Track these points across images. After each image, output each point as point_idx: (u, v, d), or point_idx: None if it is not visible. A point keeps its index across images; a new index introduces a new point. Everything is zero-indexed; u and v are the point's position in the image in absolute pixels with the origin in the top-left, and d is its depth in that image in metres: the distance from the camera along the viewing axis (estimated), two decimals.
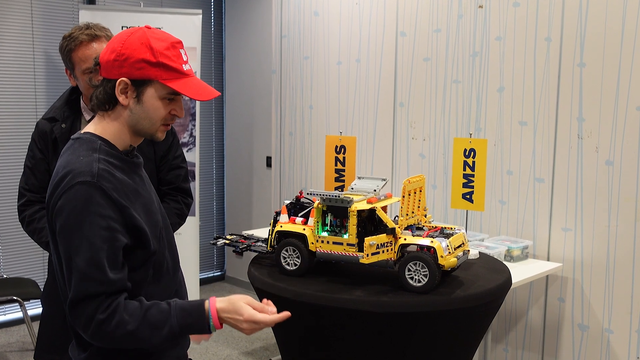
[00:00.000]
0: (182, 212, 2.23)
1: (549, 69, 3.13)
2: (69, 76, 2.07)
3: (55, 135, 2.05)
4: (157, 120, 1.45)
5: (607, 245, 2.99)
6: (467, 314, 1.53)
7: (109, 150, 1.42)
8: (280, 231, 1.67)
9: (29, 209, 2.09)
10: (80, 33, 1.98)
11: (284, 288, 1.56)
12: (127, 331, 1.32)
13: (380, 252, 1.55)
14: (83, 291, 1.31)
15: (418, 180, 1.65)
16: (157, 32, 1.46)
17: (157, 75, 1.41)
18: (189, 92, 1.42)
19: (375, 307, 1.46)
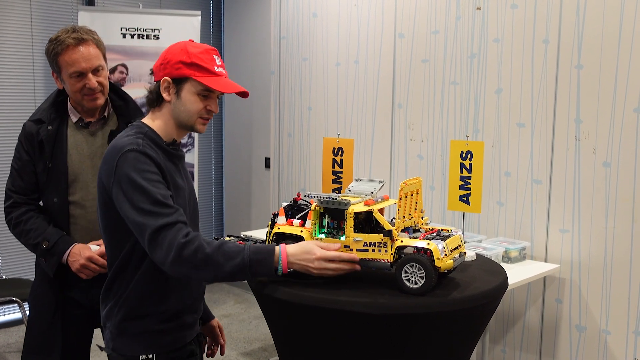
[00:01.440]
0: None
1: (547, 70, 3.15)
2: (56, 79, 2.07)
3: (42, 137, 2.04)
4: (194, 113, 1.70)
5: (604, 246, 3.00)
6: (463, 316, 1.54)
7: (153, 137, 1.69)
8: (277, 233, 1.68)
9: (16, 210, 2.07)
10: (66, 37, 1.98)
11: (281, 290, 1.57)
12: (205, 254, 1.50)
13: (369, 251, 1.56)
14: (159, 224, 1.53)
15: (415, 183, 1.66)
16: (196, 43, 1.73)
17: (191, 73, 1.66)
18: (216, 86, 1.67)
19: (372, 309, 1.47)
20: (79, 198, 2.09)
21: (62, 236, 2.05)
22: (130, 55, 4.32)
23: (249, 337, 4.23)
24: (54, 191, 2.07)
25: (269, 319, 1.76)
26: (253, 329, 4.39)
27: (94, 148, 2.11)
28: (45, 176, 2.06)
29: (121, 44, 4.30)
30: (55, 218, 2.08)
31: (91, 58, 1.99)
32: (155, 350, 1.71)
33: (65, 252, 2.03)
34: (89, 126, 2.12)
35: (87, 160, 2.10)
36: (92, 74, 2.00)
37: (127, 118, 2.14)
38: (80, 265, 2.01)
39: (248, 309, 4.81)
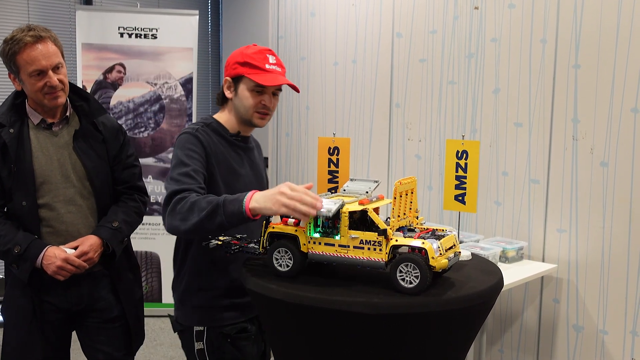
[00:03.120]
0: (140, 210, 2.24)
1: (544, 70, 3.14)
2: (13, 80, 2.03)
3: (4, 141, 1.99)
4: (249, 107, 1.91)
5: (602, 246, 2.99)
6: (459, 315, 1.53)
7: (216, 128, 1.94)
8: (272, 232, 1.67)
9: None
10: (24, 35, 1.94)
11: (275, 289, 1.56)
12: (191, 202, 1.67)
13: (365, 249, 1.55)
14: (175, 189, 1.74)
15: (409, 182, 1.65)
16: (254, 46, 1.95)
17: (244, 71, 1.89)
18: (263, 81, 1.86)
19: (367, 309, 1.46)
20: (48, 200, 2.06)
21: (33, 240, 2.01)
22: (128, 55, 4.31)
23: None
24: (22, 195, 2.02)
25: (263, 318, 1.75)
26: None
27: (59, 149, 2.08)
28: (10, 180, 2.01)
29: (119, 43, 4.29)
30: (24, 222, 2.04)
31: (50, 55, 1.96)
32: (206, 324, 1.93)
33: (38, 256, 1.99)
34: (51, 127, 2.09)
35: (55, 161, 2.07)
36: (52, 71, 1.97)
37: (90, 117, 2.12)
38: (57, 267, 1.99)
39: None
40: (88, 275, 2.12)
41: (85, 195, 2.11)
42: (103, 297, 2.17)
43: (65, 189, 2.07)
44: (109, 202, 2.18)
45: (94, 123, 2.13)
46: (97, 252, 2.08)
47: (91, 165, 2.10)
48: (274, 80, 1.88)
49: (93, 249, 2.06)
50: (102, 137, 2.13)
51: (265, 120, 1.96)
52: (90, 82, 4.29)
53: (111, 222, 2.11)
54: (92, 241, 2.06)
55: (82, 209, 2.11)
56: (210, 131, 1.92)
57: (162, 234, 4.47)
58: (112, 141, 2.16)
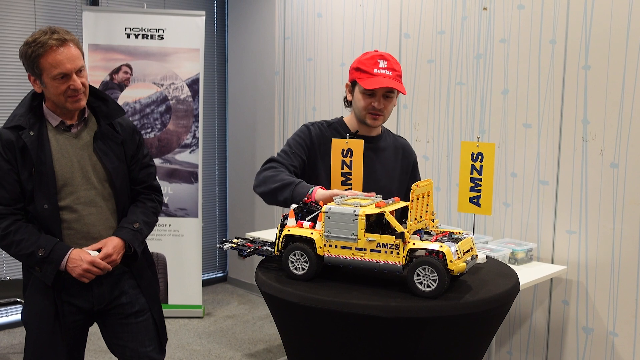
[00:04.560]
0: (157, 210, 2.26)
1: (554, 71, 3.13)
2: (34, 82, 2.03)
3: (24, 143, 1.98)
4: (361, 109, 2.14)
5: (611, 247, 2.98)
6: (476, 319, 1.52)
7: (337, 127, 2.22)
8: (288, 235, 1.66)
9: (2, 222, 2.00)
10: (48, 38, 1.94)
11: (291, 292, 1.56)
12: (275, 172, 2.06)
13: (382, 252, 1.55)
14: (272, 157, 2.18)
15: (426, 185, 1.64)
16: (373, 52, 2.13)
17: (356, 76, 2.12)
18: (366, 84, 2.05)
19: (384, 312, 1.46)
20: (70, 202, 2.06)
21: (57, 243, 2.00)
22: (135, 56, 4.31)
23: (253, 338, 4.22)
24: (43, 197, 2.01)
25: (278, 321, 1.75)
26: (257, 330, 4.38)
27: (79, 151, 2.08)
28: (31, 183, 2.00)
29: (125, 44, 4.29)
30: (46, 225, 2.03)
31: (74, 59, 1.97)
32: None
33: (63, 259, 1.99)
34: (70, 129, 2.09)
35: (75, 163, 2.07)
36: (75, 74, 1.98)
37: (109, 118, 2.13)
38: (83, 270, 1.99)
39: (252, 309, 4.80)
40: (109, 275, 2.13)
41: (106, 196, 2.12)
42: (125, 292, 2.19)
43: (86, 190, 2.08)
44: (128, 202, 2.19)
45: (112, 124, 2.14)
46: (120, 254, 2.09)
47: (112, 167, 2.11)
48: (377, 83, 2.04)
49: (116, 251, 2.07)
50: (120, 138, 2.15)
51: (378, 120, 2.14)
52: (97, 83, 4.28)
53: (132, 224, 2.13)
54: (115, 243, 2.07)
55: (102, 211, 2.12)
56: (328, 128, 2.21)
57: (168, 235, 4.46)
58: (129, 141, 2.18)
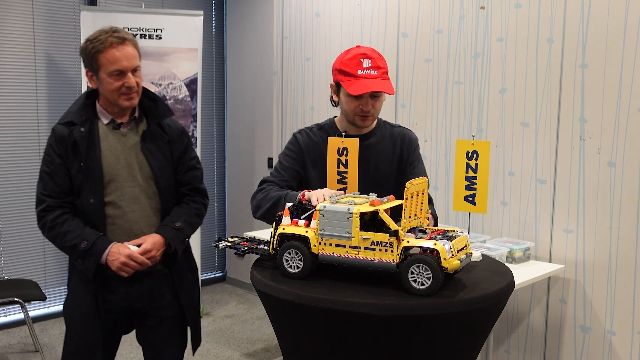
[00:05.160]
0: (201, 212, 2.30)
1: (551, 70, 3.13)
2: (90, 78, 2.09)
3: (75, 139, 2.06)
4: (349, 111, 2.06)
5: (609, 246, 2.98)
6: (470, 317, 1.52)
7: (327, 129, 2.17)
8: (282, 233, 1.66)
9: (50, 214, 2.08)
10: (108, 36, 2.02)
11: (286, 291, 1.56)
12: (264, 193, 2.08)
13: (376, 250, 1.55)
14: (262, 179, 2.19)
15: (420, 183, 1.64)
16: (354, 49, 2.04)
17: (340, 78, 2.02)
18: (351, 90, 1.96)
19: (378, 310, 1.46)
20: (114, 198, 2.12)
21: (99, 236, 2.07)
22: None
23: (252, 338, 4.22)
24: (90, 192, 2.08)
25: (273, 320, 1.75)
26: (256, 329, 4.38)
27: (127, 149, 2.14)
28: (80, 178, 2.07)
29: None
30: (91, 219, 2.10)
31: (132, 58, 2.05)
32: None
33: (104, 252, 2.05)
34: (120, 127, 2.15)
35: (122, 161, 2.13)
36: (131, 73, 2.05)
37: (157, 118, 2.18)
38: (121, 263, 2.04)
39: (250, 309, 4.80)
40: (149, 273, 2.17)
41: (150, 194, 2.17)
42: (164, 295, 2.22)
43: (131, 187, 2.13)
44: (172, 202, 2.23)
45: (160, 125, 2.19)
46: (160, 251, 2.13)
47: (157, 166, 2.16)
48: (362, 88, 1.95)
49: (156, 248, 2.11)
50: (167, 139, 2.19)
51: (367, 121, 2.07)
52: None
53: (174, 222, 2.17)
54: (156, 239, 2.11)
55: (146, 208, 2.16)
56: (319, 131, 2.17)
57: None
58: (177, 143, 2.22)
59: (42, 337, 4.11)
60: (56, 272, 4.54)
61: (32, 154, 4.37)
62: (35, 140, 4.37)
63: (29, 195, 4.37)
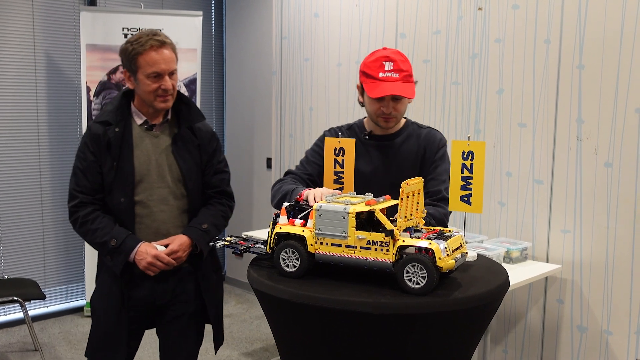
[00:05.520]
0: (227, 214, 2.34)
1: (548, 71, 3.14)
2: (128, 78, 2.14)
3: (109, 138, 2.12)
4: (371, 112, 2.11)
5: (606, 246, 3.00)
6: (465, 315, 1.54)
7: (355, 129, 2.22)
8: (279, 233, 1.67)
9: (82, 210, 2.14)
10: (149, 39, 2.07)
11: (282, 289, 1.57)
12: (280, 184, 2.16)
13: (372, 249, 1.56)
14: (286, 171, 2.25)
15: (416, 183, 1.66)
16: (379, 51, 2.07)
17: (362, 80, 2.07)
18: (370, 92, 2.01)
19: (374, 309, 1.47)
20: (143, 198, 2.17)
21: (128, 235, 2.13)
22: None
23: (251, 337, 4.23)
24: (121, 191, 2.14)
25: (270, 318, 1.76)
26: (254, 329, 4.39)
27: (158, 150, 2.19)
28: (111, 176, 2.13)
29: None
30: (121, 217, 2.16)
31: (169, 61, 2.10)
32: None
33: (132, 251, 2.11)
34: (152, 129, 2.19)
35: (153, 162, 2.18)
36: (168, 76, 2.10)
37: (189, 122, 2.22)
38: (148, 262, 2.11)
39: (249, 309, 4.81)
40: (175, 272, 2.22)
41: (178, 196, 2.22)
42: (186, 291, 2.27)
43: (160, 188, 2.19)
44: (199, 204, 2.28)
45: (191, 128, 2.24)
46: (186, 252, 2.19)
47: (186, 168, 2.21)
48: (381, 91, 1.98)
49: (182, 249, 2.16)
50: (198, 143, 2.24)
51: (389, 123, 2.10)
52: (94, 83, 4.30)
53: (201, 224, 2.21)
54: (182, 240, 2.17)
55: (173, 209, 2.22)
56: (347, 131, 2.22)
57: None
58: (207, 146, 2.27)
59: (42, 337, 4.13)
60: (55, 271, 4.56)
61: (32, 153, 4.38)
62: (35, 140, 4.39)
63: (29, 195, 4.38)
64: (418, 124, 2.23)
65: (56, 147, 4.48)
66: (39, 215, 4.44)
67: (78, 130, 4.52)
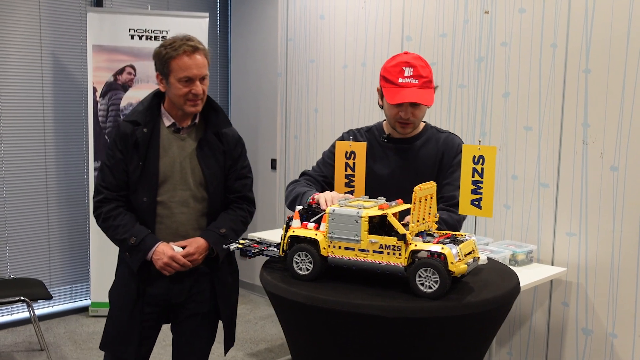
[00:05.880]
0: (247, 220, 2.36)
1: (555, 74, 3.16)
2: (160, 81, 2.17)
3: (137, 138, 2.16)
4: (390, 117, 2.11)
5: (611, 250, 3.01)
6: (478, 319, 1.55)
7: (374, 131, 2.22)
8: (292, 236, 1.69)
9: (106, 206, 2.19)
10: (182, 43, 2.11)
11: (296, 292, 1.58)
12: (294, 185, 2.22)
13: (385, 253, 1.57)
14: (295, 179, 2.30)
15: (429, 187, 1.67)
16: (400, 55, 2.07)
17: (382, 84, 2.07)
18: (389, 98, 2.02)
19: (387, 312, 1.48)
20: (165, 199, 2.21)
21: (148, 234, 2.18)
22: (138, 57, 4.34)
23: (255, 338, 4.24)
24: (145, 191, 2.18)
25: (282, 321, 1.77)
26: (259, 329, 4.41)
27: (183, 153, 2.22)
28: (136, 175, 2.17)
29: (129, 45, 4.32)
30: (142, 216, 2.21)
31: (201, 67, 2.13)
32: None
33: (150, 250, 2.16)
34: (179, 131, 2.23)
35: (177, 164, 2.21)
36: (199, 81, 2.13)
37: (216, 128, 2.25)
38: (164, 263, 2.15)
39: (253, 309, 4.83)
40: (191, 273, 2.25)
41: (199, 199, 2.25)
42: (201, 291, 2.30)
43: (182, 191, 2.22)
44: (219, 208, 2.31)
45: (218, 133, 2.27)
46: (202, 255, 2.22)
47: (209, 173, 2.24)
48: (400, 97, 1.99)
49: (199, 251, 2.20)
50: (223, 149, 2.27)
51: (407, 128, 2.10)
52: (100, 84, 4.32)
53: (219, 229, 2.24)
54: (199, 243, 2.21)
55: (193, 212, 2.25)
56: (366, 133, 2.22)
57: None
58: (232, 152, 2.30)
59: (47, 336, 4.14)
60: (60, 271, 4.57)
61: (38, 154, 4.40)
62: (41, 141, 4.40)
63: (35, 195, 4.40)
64: (437, 128, 2.23)
65: (62, 147, 4.49)
66: (45, 215, 4.46)
67: (84, 131, 4.53)
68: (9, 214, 4.30)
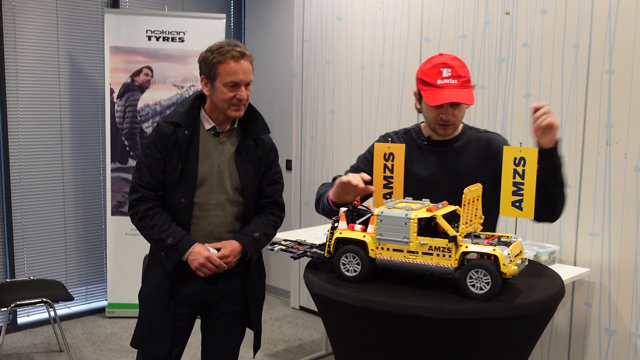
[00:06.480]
0: (277, 224, 2.40)
1: (577, 76, 3.17)
2: (205, 85, 2.20)
3: (178, 139, 2.18)
4: (430, 119, 2.09)
5: (635, 250, 3.02)
6: (528, 321, 1.56)
7: (412, 133, 2.19)
8: (340, 238, 1.70)
9: (143, 205, 2.21)
10: (230, 49, 2.14)
11: (345, 294, 1.59)
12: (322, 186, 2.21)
13: (434, 255, 1.58)
14: None
15: (476, 189, 1.68)
16: (436, 57, 2.05)
17: (420, 88, 2.05)
18: (429, 100, 1.99)
19: (439, 314, 1.49)
20: (202, 201, 2.23)
21: (185, 235, 2.20)
22: (155, 58, 4.34)
23: (273, 339, 4.25)
24: (183, 192, 2.21)
25: (328, 323, 1.78)
26: (276, 330, 4.41)
27: (221, 157, 2.25)
28: (175, 176, 2.19)
29: (146, 46, 4.32)
30: (178, 217, 2.23)
31: (247, 72, 2.16)
32: None
33: (187, 251, 2.18)
34: (219, 135, 2.25)
35: (215, 167, 2.23)
36: (244, 86, 2.16)
37: (255, 133, 2.28)
38: (199, 264, 2.18)
39: (269, 310, 4.83)
40: (224, 275, 2.28)
41: (234, 203, 2.28)
42: (233, 291, 2.33)
43: (219, 194, 2.25)
44: (253, 212, 2.34)
45: (255, 140, 2.30)
46: (236, 258, 2.25)
47: (245, 178, 2.27)
48: (441, 99, 1.98)
49: (233, 254, 2.23)
50: (259, 155, 2.31)
51: (448, 129, 2.08)
52: (118, 85, 4.32)
53: (253, 232, 2.28)
54: (234, 246, 2.24)
55: (228, 215, 2.28)
56: (404, 135, 2.20)
57: None
58: (267, 158, 2.33)
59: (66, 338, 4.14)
60: (77, 272, 4.57)
61: (55, 155, 4.40)
62: (58, 142, 4.40)
63: (51, 196, 4.40)
64: (476, 129, 2.22)
65: (79, 149, 4.50)
66: (61, 217, 4.46)
67: (101, 132, 4.53)
68: (26, 215, 4.30)
